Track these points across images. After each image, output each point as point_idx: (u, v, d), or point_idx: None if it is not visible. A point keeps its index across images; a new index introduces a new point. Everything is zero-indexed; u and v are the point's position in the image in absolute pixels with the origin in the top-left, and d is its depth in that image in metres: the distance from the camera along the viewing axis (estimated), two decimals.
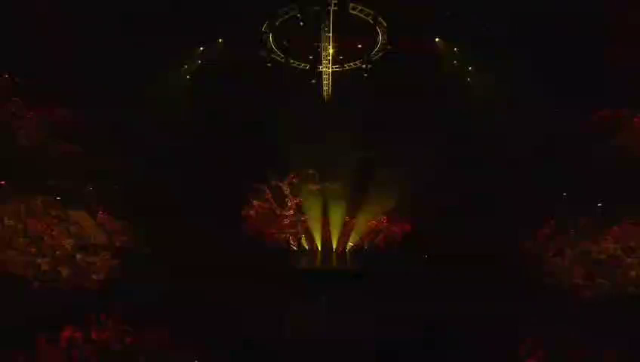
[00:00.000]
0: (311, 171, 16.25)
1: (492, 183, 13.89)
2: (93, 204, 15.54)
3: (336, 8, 9.34)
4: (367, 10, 9.68)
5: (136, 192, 15.62)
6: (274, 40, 10.98)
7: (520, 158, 13.91)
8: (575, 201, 15.23)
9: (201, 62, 12.59)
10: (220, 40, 11.82)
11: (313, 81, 12.14)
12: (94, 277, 11.72)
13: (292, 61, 11.58)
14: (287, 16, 9.98)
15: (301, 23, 9.76)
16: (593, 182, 14.59)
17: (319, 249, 16.70)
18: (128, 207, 15.67)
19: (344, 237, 16.60)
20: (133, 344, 7.68)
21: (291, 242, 16.75)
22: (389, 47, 10.83)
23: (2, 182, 12.84)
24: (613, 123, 14.91)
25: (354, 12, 9.58)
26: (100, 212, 15.23)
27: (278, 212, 16.72)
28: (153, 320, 9.12)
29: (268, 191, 16.10)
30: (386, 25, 10.17)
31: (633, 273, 10.36)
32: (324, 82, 12.06)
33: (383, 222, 16.36)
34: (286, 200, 16.57)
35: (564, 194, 16.18)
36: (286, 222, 16.68)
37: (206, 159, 15.28)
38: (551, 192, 15.80)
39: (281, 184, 16.48)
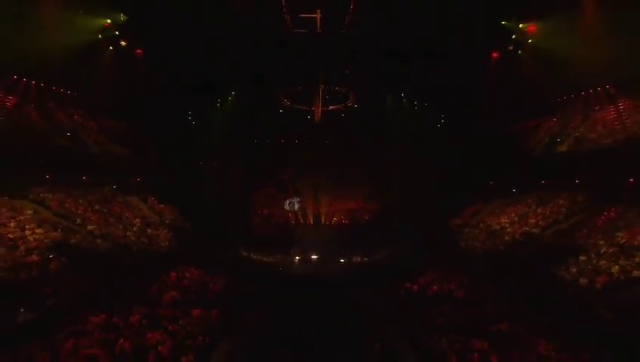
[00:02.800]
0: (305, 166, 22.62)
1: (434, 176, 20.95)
2: (142, 192, 21.59)
3: (323, 87, 15.41)
4: (343, 89, 15.92)
5: (173, 183, 21.76)
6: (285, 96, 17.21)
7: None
8: (496, 188, 22.26)
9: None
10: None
11: (309, 117, 18.46)
12: (162, 244, 18.04)
13: (295, 105, 17.79)
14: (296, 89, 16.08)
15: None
16: (509, 174, 21.57)
17: (311, 223, 23.37)
18: (168, 193, 21.83)
19: (330, 214, 23.25)
20: (211, 283, 13.97)
21: (290, 218, 23.36)
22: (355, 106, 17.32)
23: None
24: (523, 132, 21.55)
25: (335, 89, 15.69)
26: (150, 198, 21.31)
27: (280, 196, 23.18)
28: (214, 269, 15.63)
29: (272, 182, 22.51)
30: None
31: (506, 238, 17.29)
32: (316, 116, 18.33)
33: (359, 203, 23.12)
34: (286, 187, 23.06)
35: (491, 182, 23.18)
36: (286, 202, 23.23)
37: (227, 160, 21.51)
38: (482, 180, 22.82)
39: (283, 175, 22.83)
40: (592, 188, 16.82)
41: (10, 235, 12.16)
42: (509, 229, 17.99)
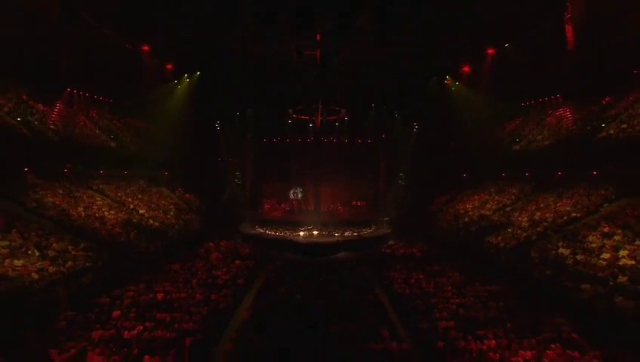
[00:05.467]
0: (307, 163, 28.16)
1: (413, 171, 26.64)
2: (169, 183, 27.04)
3: (321, 106, 21.08)
4: (337, 107, 21.63)
5: (196, 176, 27.32)
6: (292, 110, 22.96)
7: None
8: (468, 179, 27.80)
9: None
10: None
11: (310, 125, 24.10)
12: (194, 225, 23.62)
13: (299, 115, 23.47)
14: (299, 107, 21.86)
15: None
16: (479, 168, 27.05)
17: (312, 208, 28.91)
18: (192, 185, 27.35)
19: (327, 201, 28.81)
20: (240, 249, 19.48)
21: (295, 205, 28.90)
22: (346, 118, 23.05)
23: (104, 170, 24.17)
24: (492, 133, 26.99)
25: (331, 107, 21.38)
26: (177, 188, 26.82)
27: (286, 187, 28.74)
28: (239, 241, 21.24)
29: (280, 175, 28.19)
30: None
31: (466, 219, 22.88)
32: (316, 124, 23.93)
33: (351, 193, 28.72)
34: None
35: (464, 175, 28.72)
36: (291, 192, 28.80)
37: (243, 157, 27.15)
38: (456, 174, 28.37)
39: (288, 170, 28.38)
40: (536, 179, 22.36)
41: (96, 214, 17.72)
42: (470, 212, 23.60)
